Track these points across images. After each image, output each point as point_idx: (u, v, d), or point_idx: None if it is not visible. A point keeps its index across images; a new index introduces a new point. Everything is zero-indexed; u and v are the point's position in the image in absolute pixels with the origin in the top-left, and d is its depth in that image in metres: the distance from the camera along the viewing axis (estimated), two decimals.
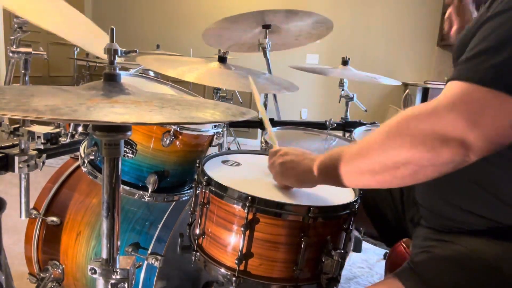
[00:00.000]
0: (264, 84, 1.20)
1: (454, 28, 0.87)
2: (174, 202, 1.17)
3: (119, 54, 0.67)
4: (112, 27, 0.67)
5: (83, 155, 1.06)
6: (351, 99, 2.08)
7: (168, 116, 0.58)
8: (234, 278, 0.77)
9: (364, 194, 0.87)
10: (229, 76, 1.14)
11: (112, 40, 0.67)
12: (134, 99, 0.61)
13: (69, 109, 0.50)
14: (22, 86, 0.94)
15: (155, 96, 0.69)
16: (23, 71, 1.08)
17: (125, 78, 1.19)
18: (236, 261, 0.76)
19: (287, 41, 2.06)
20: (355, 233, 1.24)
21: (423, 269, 0.74)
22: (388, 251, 1.06)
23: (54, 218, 1.19)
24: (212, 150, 1.08)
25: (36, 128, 1.06)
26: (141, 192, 1.05)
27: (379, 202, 1.04)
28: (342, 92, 2.06)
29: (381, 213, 1.04)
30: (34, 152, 1.08)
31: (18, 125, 1.05)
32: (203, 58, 1.33)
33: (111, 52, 0.66)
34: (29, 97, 0.55)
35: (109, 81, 0.66)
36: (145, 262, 1.07)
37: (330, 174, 0.73)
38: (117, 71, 0.67)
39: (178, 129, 1.01)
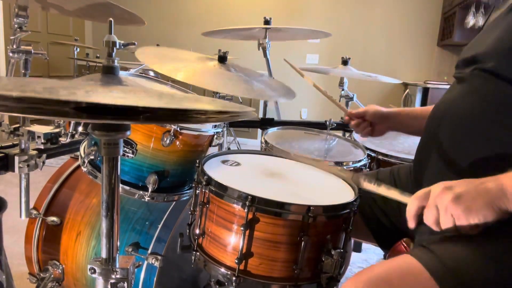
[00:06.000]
0: (261, 89, 1.18)
1: None
2: (174, 202, 1.17)
3: (118, 46, 0.66)
4: (110, 19, 0.66)
5: (83, 155, 1.06)
6: (351, 99, 2.08)
7: (167, 102, 0.56)
8: (234, 278, 0.77)
9: (360, 202, 0.85)
10: (229, 80, 1.13)
11: (110, 32, 0.66)
12: (132, 89, 0.60)
13: (67, 91, 0.49)
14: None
15: (152, 90, 0.68)
16: (23, 71, 1.08)
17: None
18: (236, 261, 0.76)
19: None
20: None
21: (441, 251, 0.71)
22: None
23: (54, 218, 1.19)
24: (212, 150, 1.08)
25: (36, 128, 1.06)
26: (141, 192, 1.05)
27: (374, 209, 1.04)
28: (342, 92, 2.06)
29: (377, 219, 1.04)
30: (34, 152, 1.08)
31: (18, 125, 1.05)
32: (203, 55, 1.32)
33: (109, 44, 0.66)
34: (28, 83, 0.54)
35: (107, 74, 0.66)
36: (145, 262, 1.07)
37: None
38: (116, 63, 0.67)
39: (178, 128, 1.01)
